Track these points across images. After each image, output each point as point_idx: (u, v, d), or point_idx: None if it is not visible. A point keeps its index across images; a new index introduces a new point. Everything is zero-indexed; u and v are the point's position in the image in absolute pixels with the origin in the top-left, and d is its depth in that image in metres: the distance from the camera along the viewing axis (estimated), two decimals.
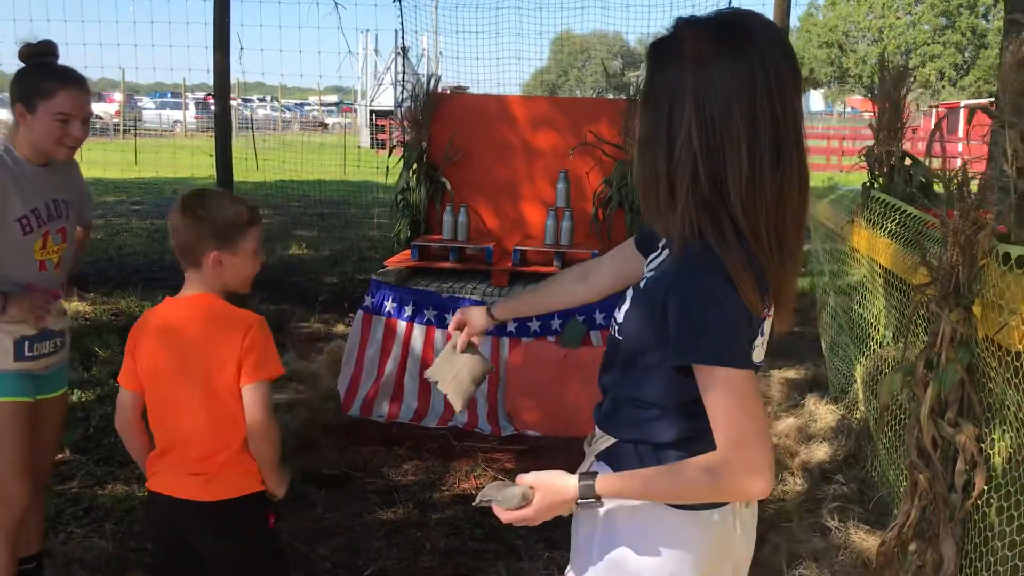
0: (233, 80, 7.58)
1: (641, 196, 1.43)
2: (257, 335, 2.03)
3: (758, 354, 1.46)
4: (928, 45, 40.51)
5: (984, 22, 41.98)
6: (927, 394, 2.59)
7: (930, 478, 2.58)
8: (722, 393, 1.32)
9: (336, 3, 6.89)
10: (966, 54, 41.87)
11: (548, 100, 5.82)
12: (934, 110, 25.00)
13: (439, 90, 5.49)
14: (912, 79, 4.04)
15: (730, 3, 7.26)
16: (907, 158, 3.95)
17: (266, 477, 2.10)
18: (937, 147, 2.74)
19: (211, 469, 2.04)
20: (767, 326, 1.47)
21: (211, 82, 6.91)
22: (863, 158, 3.99)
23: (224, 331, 2.03)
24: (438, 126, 5.47)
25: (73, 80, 2.56)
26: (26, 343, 2.58)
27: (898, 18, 41.84)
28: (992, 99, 2.70)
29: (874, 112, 4.03)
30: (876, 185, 3.91)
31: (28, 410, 2.61)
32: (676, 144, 1.34)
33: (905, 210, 3.49)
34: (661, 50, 1.39)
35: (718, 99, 1.31)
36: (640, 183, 1.43)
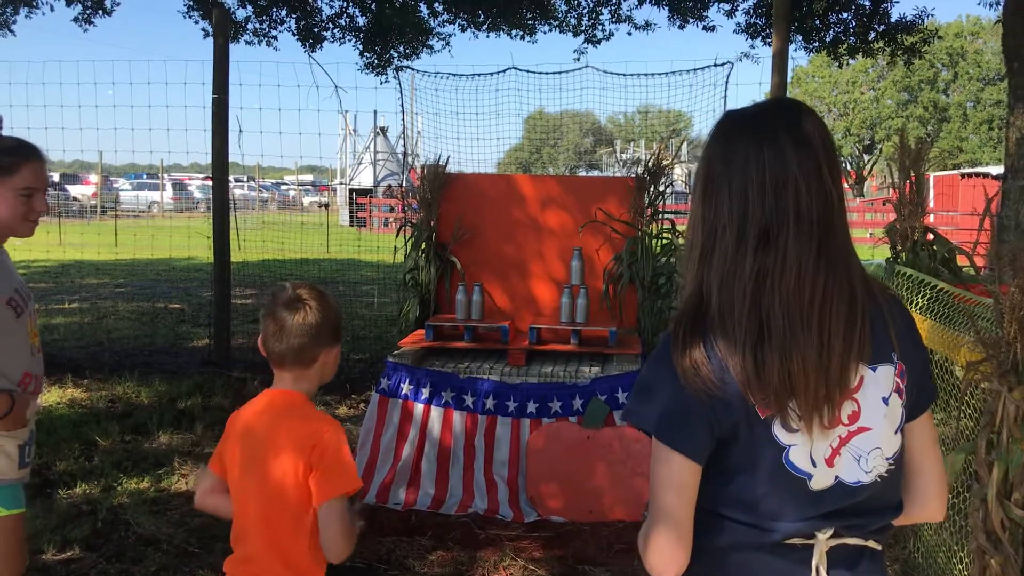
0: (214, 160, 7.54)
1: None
2: (327, 446, 1.91)
3: (796, 455, 1.34)
4: (892, 119, 41.67)
5: (944, 97, 43.34)
6: (992, 476, 2.53)
7: (1002, 562, 2.50)
8: (653, 463, 1.38)
9: (336, 87, 6.97)
10: (928, 128, 43.10)
11: (556, 179, 5.84)
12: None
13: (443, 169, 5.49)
14: (928, 152, 4.08)
15: (726, 85, 7.41)
16: (929, 233, 3.97)
17: None
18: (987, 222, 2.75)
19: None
20: (783, 426, 1.33)
21: (185, 163, 6.95)
22: (886, 233, 4.00)
23: (290, 434, 1.94)
24: (446, 205, 5.46)
25: (33, 152, 2.42)
26: (26, 448, 2.44)
27: (862, 93, 43.12)
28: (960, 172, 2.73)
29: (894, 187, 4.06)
30: (901, 260, 3.91)
31: (24, 522, 2.49)
32: (691, 222, 1.45)
33: (936, 285, 3.49)
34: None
35: (718, 183, 1.40)
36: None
